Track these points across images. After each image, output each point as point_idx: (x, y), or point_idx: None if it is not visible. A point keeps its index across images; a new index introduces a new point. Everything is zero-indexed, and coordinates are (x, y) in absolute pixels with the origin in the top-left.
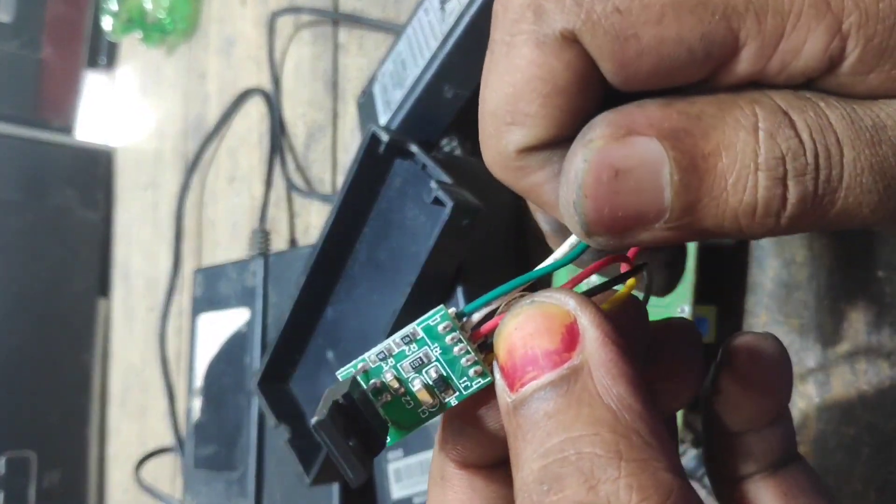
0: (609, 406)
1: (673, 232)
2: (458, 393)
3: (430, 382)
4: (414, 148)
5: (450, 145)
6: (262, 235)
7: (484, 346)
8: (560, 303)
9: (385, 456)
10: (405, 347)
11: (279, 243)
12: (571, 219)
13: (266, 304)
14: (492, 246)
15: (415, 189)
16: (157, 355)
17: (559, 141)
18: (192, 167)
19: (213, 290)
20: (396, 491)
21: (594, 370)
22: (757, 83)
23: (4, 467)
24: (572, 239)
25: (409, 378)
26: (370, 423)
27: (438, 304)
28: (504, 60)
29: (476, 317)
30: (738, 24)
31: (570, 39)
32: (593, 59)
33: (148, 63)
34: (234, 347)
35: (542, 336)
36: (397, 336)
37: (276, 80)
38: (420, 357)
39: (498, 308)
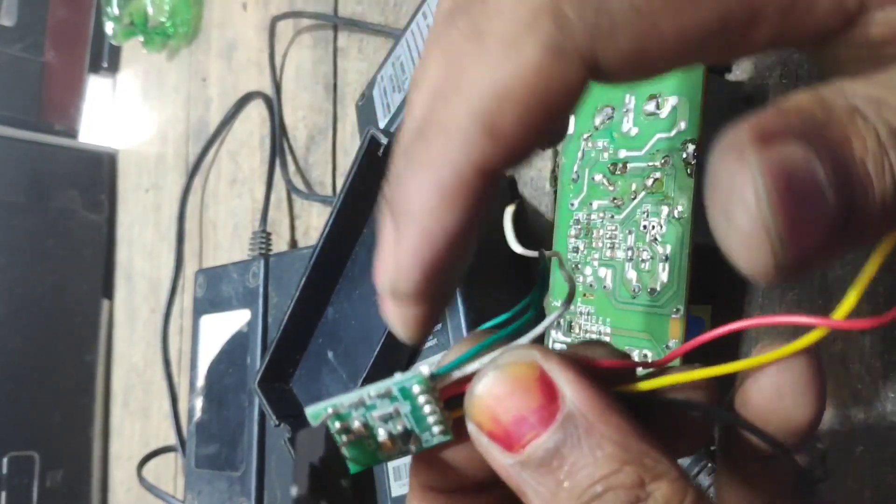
0: (614, 440)
1: (846, 245)
2: (418, 445)
3: (395, 433)
4: None
5: None
6: (263, 237)
7: (450, 403)
8: (524, 358)
9: None
10: (377, 401)
11: (280, 245)
12: (759, 248)
13: (267, 304)
14: (490, 247)
15: None
16: (159, 356)
17: (508, 166)
18: (193, 170)
19: (214, 291)
20: (396, 489)
21: (586, 412)
22: (774, 45)
23: (7, 467)
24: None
25: (375, 426)
26: (331, 466)
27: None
28: (501, 57)
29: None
30: None
31: (588, 55)
32: (601, 62)
33: (150, 67)
34: (235, 348)
35: (521, 396)
36: (372, 390)
37: (277, 84)
38: (390, 412)
39: (472, 370)
